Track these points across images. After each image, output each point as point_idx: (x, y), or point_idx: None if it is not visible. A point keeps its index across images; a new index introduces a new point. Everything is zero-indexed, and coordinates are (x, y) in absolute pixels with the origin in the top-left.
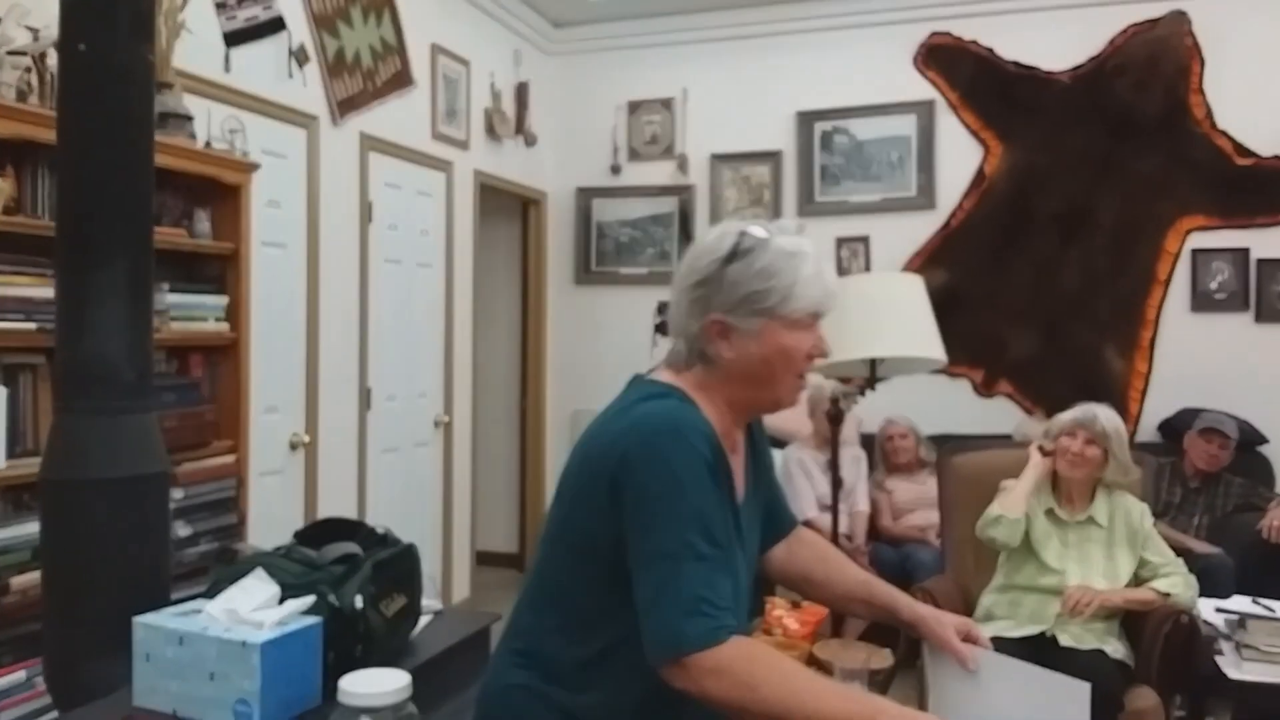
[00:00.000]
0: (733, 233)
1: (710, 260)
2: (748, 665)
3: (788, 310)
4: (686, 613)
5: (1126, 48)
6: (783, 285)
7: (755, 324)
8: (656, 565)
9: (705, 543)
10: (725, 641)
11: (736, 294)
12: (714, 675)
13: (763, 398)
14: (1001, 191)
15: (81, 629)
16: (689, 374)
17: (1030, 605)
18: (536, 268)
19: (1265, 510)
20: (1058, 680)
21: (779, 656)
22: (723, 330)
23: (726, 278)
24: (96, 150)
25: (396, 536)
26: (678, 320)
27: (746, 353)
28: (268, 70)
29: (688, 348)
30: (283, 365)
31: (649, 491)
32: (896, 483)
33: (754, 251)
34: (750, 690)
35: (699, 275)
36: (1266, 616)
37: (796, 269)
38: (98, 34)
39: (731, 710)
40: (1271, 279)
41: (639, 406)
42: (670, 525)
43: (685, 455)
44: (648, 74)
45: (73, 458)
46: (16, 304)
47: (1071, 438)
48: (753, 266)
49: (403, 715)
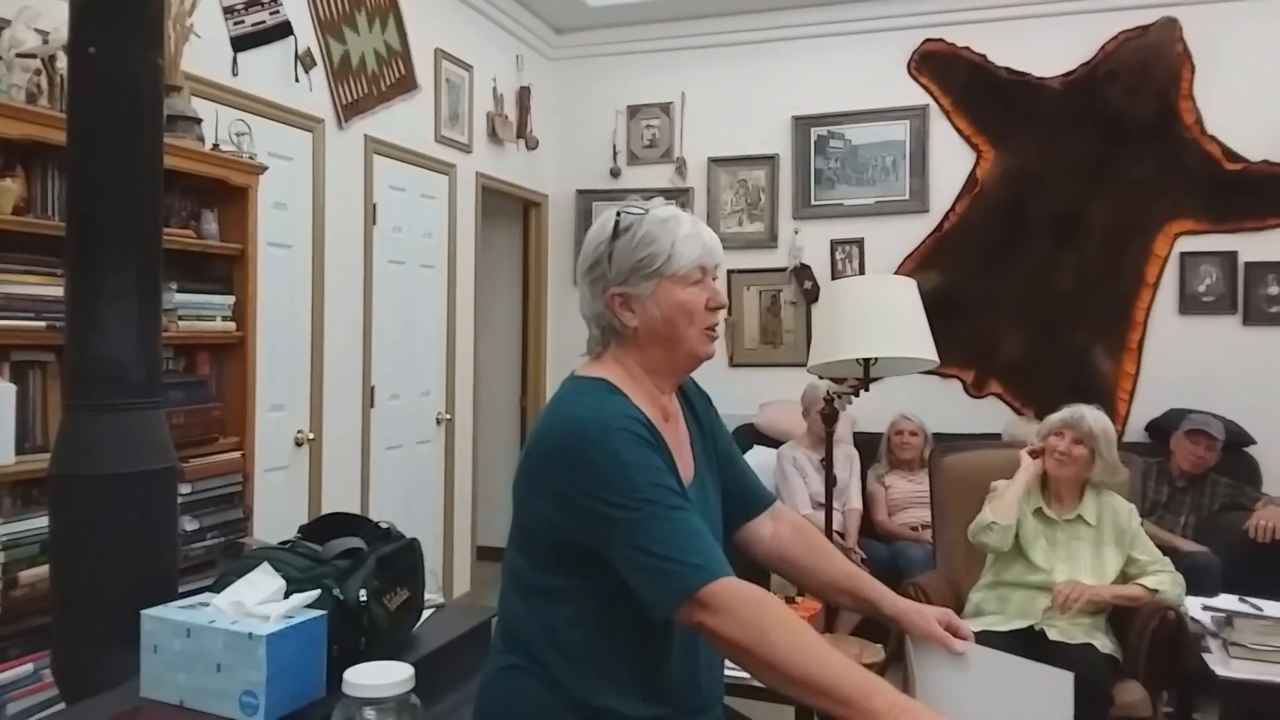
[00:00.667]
0: (610, 215)
1: (597, 244)
2: (759, 610)
3: (674, 268)
4: (678, 556)
5: (1118, 54)
6: (664, 247)
7: (648, 287)
8: (631, 536)
9: (667, 493)
10: (730, 576)
11: (626, 265)
12: (728, 613)
13: (677, 355)
14: (993, 196)
15: (89, 622)
16: (607, 355)
17: (1018, 600)
18: (537, 268)
19: (1251, 510)
20: (1041, 671)
21: (786, 609)
22: (623, 301)
23: (614, 254)
24: (106, 152)
25: (399, 531)
26: (585, 308)
27: (648, 316)
28: (274, 74)
29: (599, 330)
30: (288, 364)
31: (592, 479)
32: (896, 478)
33: (633, 225)
34: (760, 633)
35: (591, 259)
36: (1254, 615)
37: (673, 230)
38: (107, 37)
39: (735, 653)
40: (1259, 282)
41: (562, 404)
42: (624, 496)
43: (613, 436)
44: (647, 79)
45: (81, 453)
46: (26, 302)
47: (1059, 437)
48: (635, 238)
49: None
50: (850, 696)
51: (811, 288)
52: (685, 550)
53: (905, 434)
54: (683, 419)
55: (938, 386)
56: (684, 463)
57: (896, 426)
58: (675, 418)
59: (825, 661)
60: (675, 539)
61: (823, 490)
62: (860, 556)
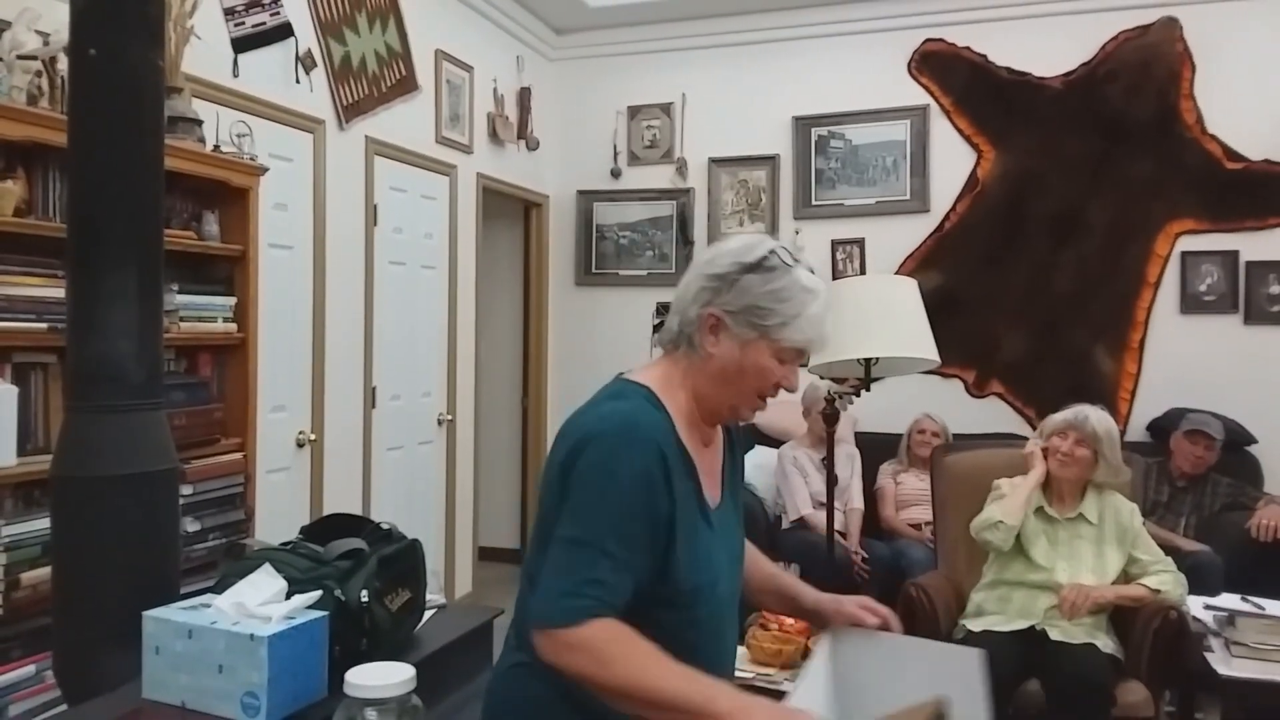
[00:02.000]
0: (765, 247)
1: (734, 261)
2: (604, 645)
3: (781, 336)
4: (570, 593)
5: (1118, 54)
6: (788, 313)
7: (748, 334)
8: (566, 547)
9: (616, 543)
10: (592, 621)
11: (743, 301)
12: (572, 651)
13: (723, 401)
14: (994, 195)
15: (91, 623)
16: (668, 362)
17: (1020, 600)
18: (538, 269)
19: (1253, 509)
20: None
21: (638, 641)
22: (716, 325)
23: (741, 283)
24: (106, 153)
25: (401, 532)
26: (681, 301)
27: (728, 355)
28: (275, 75)
29: (679, 329)
30: (289, 365)
31: (584, 480)
32: (908, 476)
33: (776, 271)
34: (601, 667)
35: (718, 270)
36: (1256, 614)
37: (805, 304)
38: (108, 39)
39: (585, 685)
40: (1260, 281)
41: (604, 404)
42: (592, 517)
43: (629, 456)
44: (647, 79)
45: (83, 455)
46: (28, 304)
47: (1062, 438)
48: (769, 284)
49: (407, 707)
50: (694, 703)
51: None
52: (569, 591)
53: (927, 434)
54: (721, 448)
55: (939, 386)
56: (712, 488)
57: (919, 425)
58: (715, 445)
59: (666, 676)
60: (573, 578)
61: (824, 490)
62: (861, 556)
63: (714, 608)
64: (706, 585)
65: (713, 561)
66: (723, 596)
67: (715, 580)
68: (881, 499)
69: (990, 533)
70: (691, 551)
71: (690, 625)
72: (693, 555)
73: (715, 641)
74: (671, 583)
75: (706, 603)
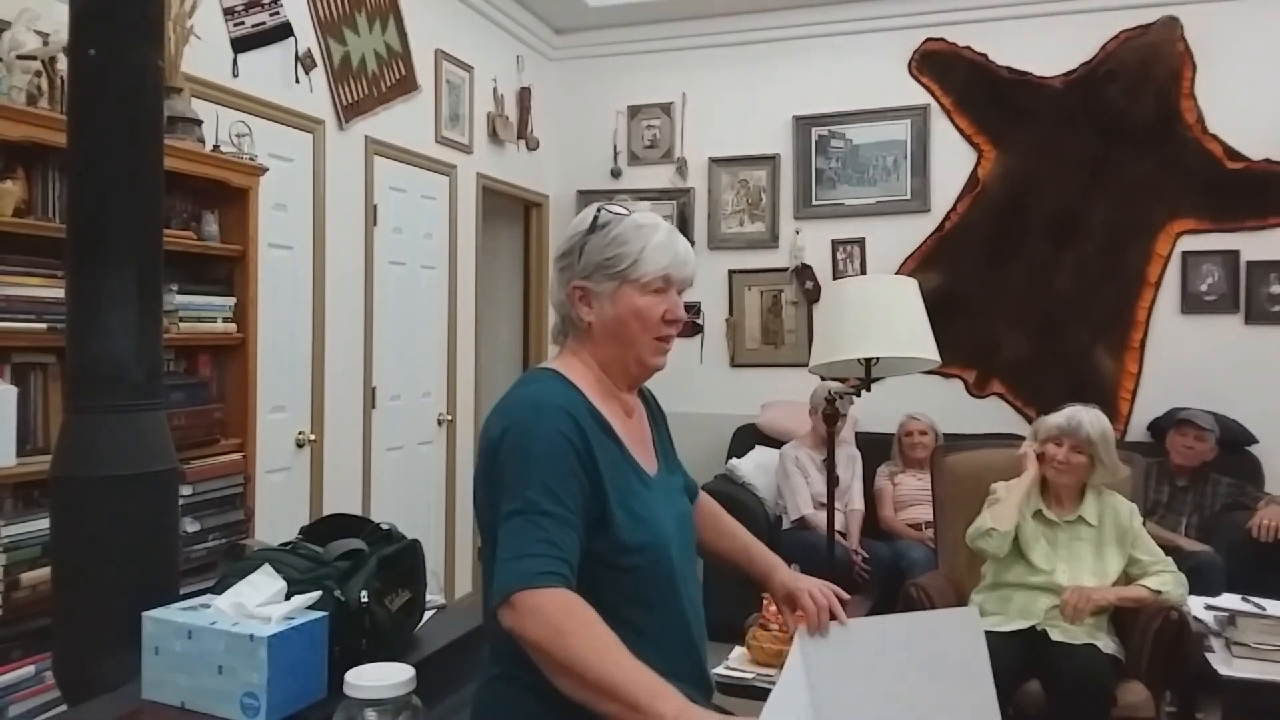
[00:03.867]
0: (592, 210)
1: (573, 235)
2: (563, 615)
3: (638, 274)
4: (521, 556)
5: (1119, 53)
6: (633, 251)
7: (609, 287)
8: (507, 523)
9: (550, 501)
10: (552, 587)
11: (593, 261)
12: (531, 614)
13: (627, 358)
14: (995, 195)
15: (91, 623)
16: (566, 349)
17: (1020, 601)
18: (538, 269)
19: (1254, 509)
20: (944, 616)
21: (597, 622)
22: (583, 295)
23: (585, 248)
24: (106, 153)
25: (401, 532)
26: (553, 295)
27: (604, 314)
28: (275, 75)
29: (561, 318)
30: (289, 365)
31: (507, 463)
32: (904, 477)
33: (610, 224)
34: (557, 636)
35: (564, 248)
36: (1257, 614)
37: (646, 237)
38: (107, 39)
39: (538, 656)
40: (1261, 281)
41: (511, 394)
42: (517, 486)
43: (540, 427)
44: (647, 79)
45: (83, 455)
46: (27, 304)
47: (1057, 445)
48: (607, 236)
49: (407, 708)
50: (639, 698)
51: (813, 288)
52: (521, 554)
53: (915, 434)
54: (645, 418)
55: (939, 386)
56: (646, 457)
57: (905, 427)
58: (639, 415)
59: (619, 663)
60: (521, 542)
61: (825, 491)
62: (862, 556)
63: (669, 567)
64: (658, 545)
65: (659, 522)
66: (677, 557)
67: (666, 541)
68: (880, 500)
69: (984, 540)
70: (632, 512)
71: (648, 586)
72: (635, 515)
73: (675, 603)
74: (620, 544)
75: (661, 563)
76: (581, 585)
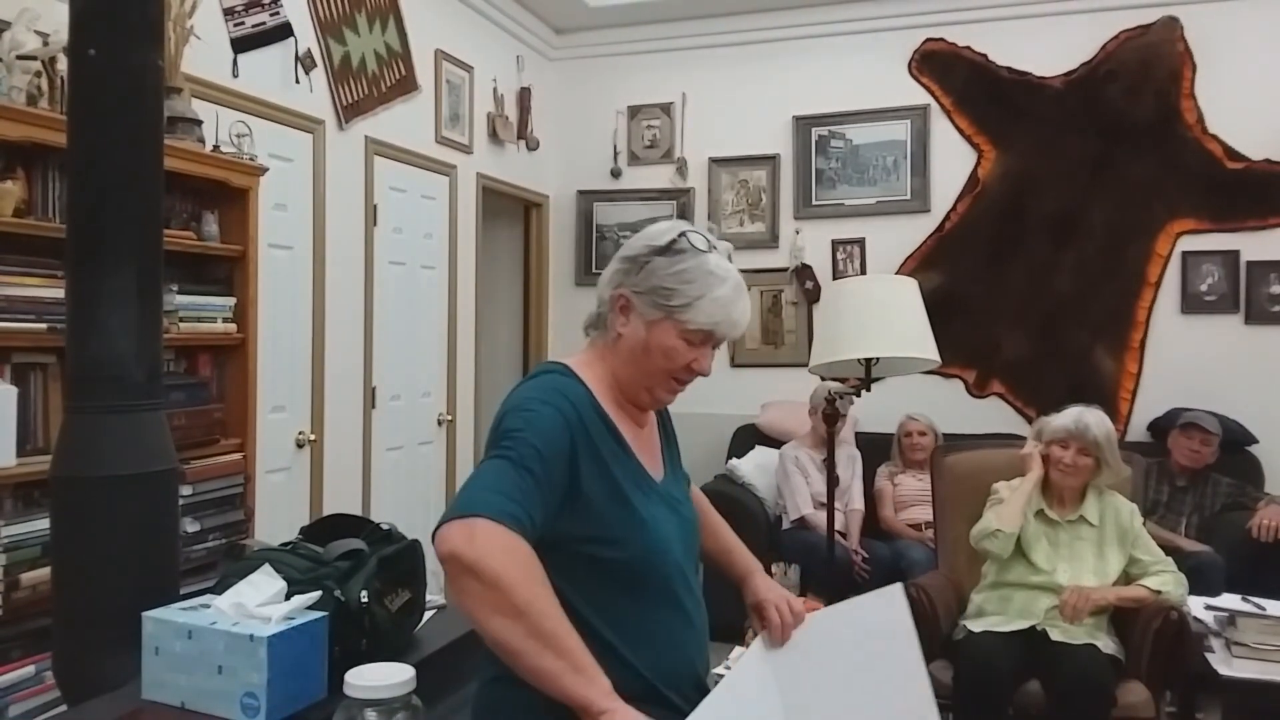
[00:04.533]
0: (676, 230)
1: (645, 245)
2: (528, 560)
3: (686, 318)
4: (499, 492)
5: (1119, 53)
6: (691, 294)
7: (653, 314)
8: (491, 460)
9: (538, 464)
10: (505, 524)
11: (650, 282)
12: (494, 544)
13: (638, 382)
14: (995, 195)
15: (91, 623)
16: (589, 347)
17: (1020, 601)
18: (538, 269)
19: (1254, 509)
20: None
21: (541, 580)
22: (625, 306)
23: (650, 265)
24: (106, 153)
25: (401, 533)
26: (600, 286)
27: (635, 335)
28: (275, 76)
29: (597, 312)
30: (289, 365)
31: (504, 422)
32: (904, 477)
33: (684, 254)
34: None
35: (630, 253)
36: (1257, 614)
37: (710, 287)
38: (107, 39)
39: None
40: (1261, 281)
41: (521, 386)
42: (514, 438)
43: (545, 408)
44: (647, 79)
45: (83, 455)
46: (27, 304)
47: (1063, 448)
48: (675, 266)
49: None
50: (583, 663)
51: (813, 288)
52: (499, 490)
53: (914, 434)
54: (655, 429)
55: (939, 386)
56: (653, 464)
57: (905, 428)
58: (650, 426)
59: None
60: (501, 481)
61: (825, 491)
62: (862, 556)
63: (665, 574)
64: (659, 550)
65: (662, 529)
66: (679, 564)
67: (668, 547)
68: (880, 500)
69: (989, 541)
70: (634, 512)
71: (650, 594)
72: (637, 517)
73: (672, 609)
74: (609, 536)
75: (661, 567)
76: (574, 580)
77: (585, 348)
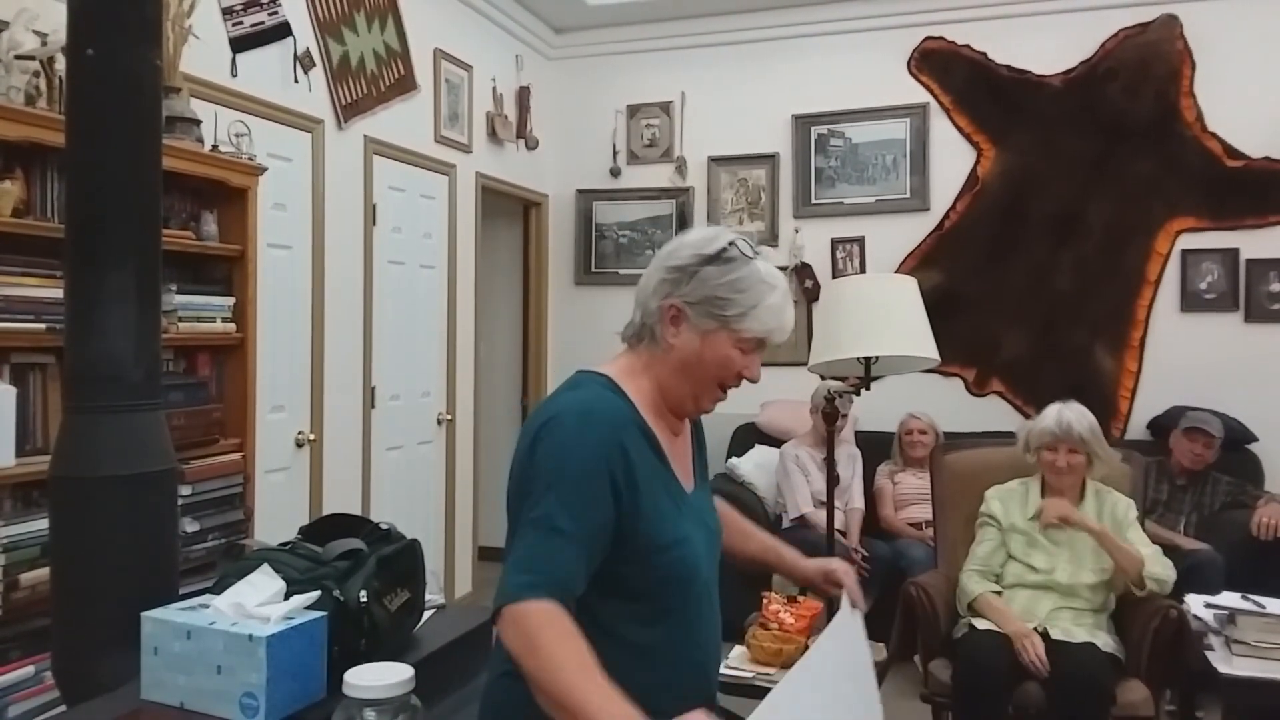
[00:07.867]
0: (724, 239)
1: (694, 253)
2: (536, 630)
3: (742, 327)
4: (517, 569)
5: (1118, 52)
6: (747, 303)
7: (708, 325)
8: (522, 530)
9: (569, 519)
10: (538, 600)
11: (702, 292)
12: (511, 625)
13: (685, 392)
14: (994, 194)
15: (90, 624)
16: (631, 355)
17: (1021, 601)
18: (537, 269)
19: (1253, 508)
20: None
21: (572, 634)
22: (677, 317)
23: (701, 274)
24: (105, 153)
25: (400, 532)
26: (642, 294)
27: (689, 346)
28: (273, 75)
29: (641, 322)
30: (288, 365)
31: (540, 466)
32: (905, 475)
33: (735, 262)
34: (528, 651)
35: (678, 262)
36: (1256, 612)
37: (763, 295)
38: (106, 39)
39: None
40: (1261, 279)
41: (561, 395)
42: (544, 497)
43: (582, 438)
44: (646, 78)
45: (82, 455)
46: (26, 304)
47: (1053, 452)
48: (727, 275)
49: (406, 708)
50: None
51: (812, 286)
52: (521, 567)
53: (915, 433)
54: (689, 439)
55: (939, 385)
56: (684, 473)
57: (906, 426)
58: (684, 436)
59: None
60: (526, 555)
61: (825, 489)
62: (862, 555)
63: (695, 593)
64: (689, 570)
65: (692, 544)
66: (706, 584)
67: (697, 564)
68: (880, 499)
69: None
70: (666, 528)
71: (674, 615)
72: (670, 533)
73: (695, 626)
74: (646, 563)
75: (689, 588)
76: (600, 600)
77: (623, 355)
